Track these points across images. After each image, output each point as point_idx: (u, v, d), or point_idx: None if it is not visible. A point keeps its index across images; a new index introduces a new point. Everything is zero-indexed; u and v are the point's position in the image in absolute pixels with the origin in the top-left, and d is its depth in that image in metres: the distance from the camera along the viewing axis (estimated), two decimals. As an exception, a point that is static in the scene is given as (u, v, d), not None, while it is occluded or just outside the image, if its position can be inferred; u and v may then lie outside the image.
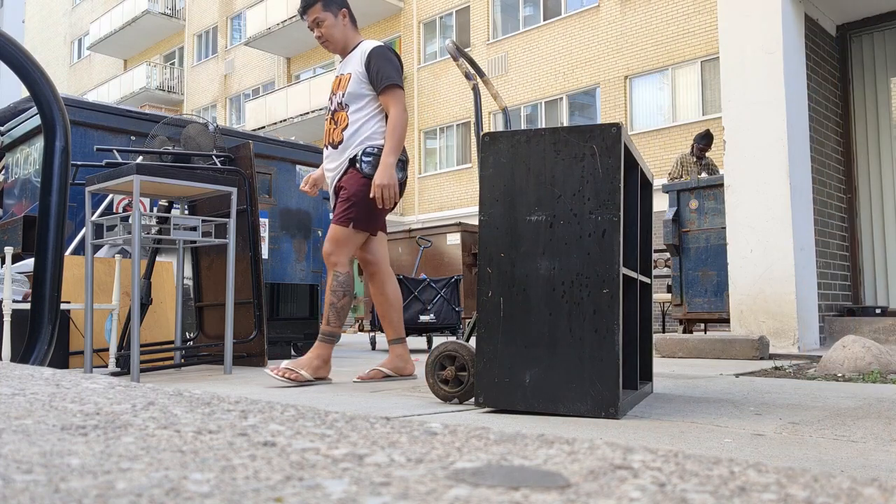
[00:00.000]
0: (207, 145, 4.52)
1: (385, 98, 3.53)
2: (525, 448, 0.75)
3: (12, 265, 4.06)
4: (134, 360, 3.55)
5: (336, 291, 3.47)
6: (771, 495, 0.55)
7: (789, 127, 5.51)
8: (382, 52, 3.60)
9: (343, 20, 3.69)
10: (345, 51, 3.72)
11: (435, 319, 6.64)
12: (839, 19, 6.80)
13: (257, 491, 0.56)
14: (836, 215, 6.54)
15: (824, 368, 3.84)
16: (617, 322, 2.21)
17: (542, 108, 19.13)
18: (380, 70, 3.53)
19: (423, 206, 21.68)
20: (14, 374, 1.43)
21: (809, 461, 1.59)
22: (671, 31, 16.61)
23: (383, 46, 3.65)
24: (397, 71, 3.58)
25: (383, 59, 3.56)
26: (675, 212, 6.79)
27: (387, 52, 3.62)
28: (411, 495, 0.55)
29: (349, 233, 3.48)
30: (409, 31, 22.44)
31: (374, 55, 3.58)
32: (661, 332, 9.94)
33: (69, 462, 0.66)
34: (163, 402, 1.08)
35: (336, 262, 3.49)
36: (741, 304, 5.63)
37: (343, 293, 3.48)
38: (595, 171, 2.27)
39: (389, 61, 3.57)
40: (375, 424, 0.90)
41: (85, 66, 36.10)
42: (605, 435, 1.90)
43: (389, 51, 3.65)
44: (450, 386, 2.60)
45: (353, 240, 3.50)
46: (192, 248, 5.12)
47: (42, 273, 2.10)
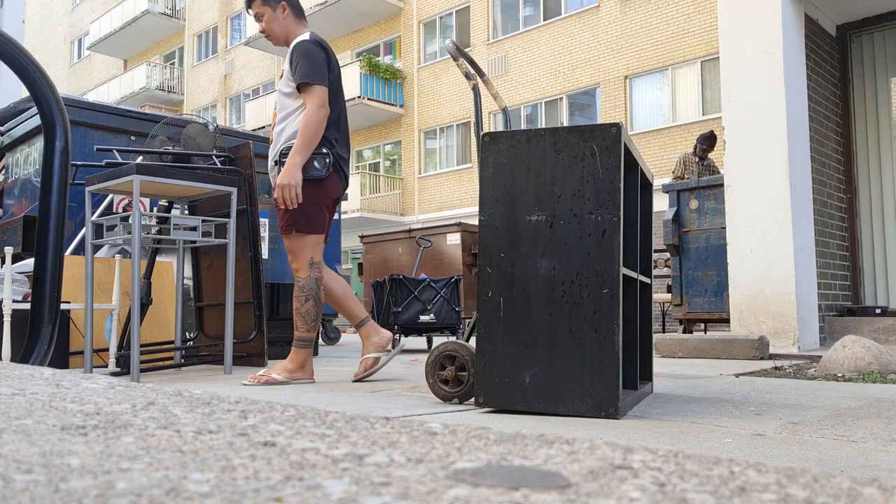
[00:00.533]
0: (207, 145, 4.53)
1: (303, 96, 3.41)
2: (525, 448, 0.75)
3: (12, 265, 4.06)
4: (134, 360, 3.55)
5: (298, 297, 3.43)
6: (771, 495, 0.55)
7: (789, 127, 5.51)
8: (303, 48, 3.46)
9: (283, 13, 3.60)
10: (287, 44, 3.64)
11: (435, 319, 6.64)
12: (839, 19, 6.80)
13: (257, 491, 0.56)
14: (836, 215, 6.54)
15: (824, 368, 3.84)
16: (617, 322, 2.21)
17: (542, 108, 19.13)
18: (297, 67, 3.41)
19: (423, 206, 21.68)
20: (14, 374, 1.43)
21: (809, 461, 1.59)
22: (671, 31, 16.61)
23: (306, 41, 3.49)
24: (318, 66, 3.42)
25: (303, 54, 3.43)
26: (675, 212, 6.79)
27: (308, 47, 3.46)
28: (411, 495, 0.55)
29: (295, 238, 3.43)
30: (409, 31, 22.44)
31: (294, 50, 3.46)
32: (661, 332, 9.94)
33: (69, 462, 0.66)
34: (163, 402, 1.08)
35: (295, 269, 3.46)
36: (741, 304, 5.63)
37: (305, 298, 3.42)
38: (595, 171, 2.28)
39: (308, 56, 3.42)
40: (375, 424, 0.90)
41: (85, 66, 36.11)
42: (605, 435, 1.90)
43: (315, 44, 3.49)
44: (450, 386, 2.60)
45: (303, 243, 3.43)
46: (192, 248, 5.12)
47: (42, 273, 2.10)
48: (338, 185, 3.55)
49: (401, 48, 22.67)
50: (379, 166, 23.43)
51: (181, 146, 4.46)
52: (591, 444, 0.76)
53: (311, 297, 3.43)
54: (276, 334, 5.39)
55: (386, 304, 6.71)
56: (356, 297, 3.69)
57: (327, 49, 3.54)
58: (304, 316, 3.44)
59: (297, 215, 3.41)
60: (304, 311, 3.43)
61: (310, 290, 3.43)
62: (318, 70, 3.41)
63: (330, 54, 3.55)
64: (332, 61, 3.55)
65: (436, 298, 6.65)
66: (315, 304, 3.44)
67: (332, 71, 3.53)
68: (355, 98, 21.26)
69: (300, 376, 3.46)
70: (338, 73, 3.60)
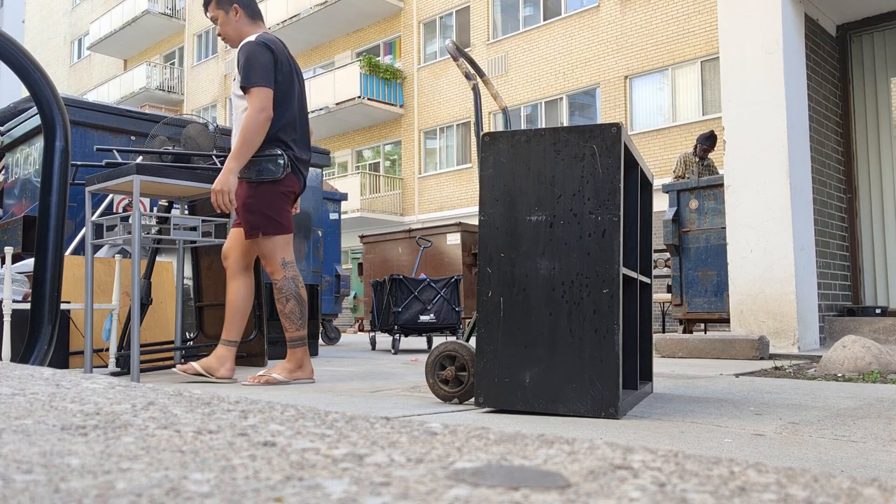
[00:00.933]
0: (207, 145, 4.52)
1: (246, 98, 3.36)
2: (525, 448, 0.75)
3: (12, 265, 4.06)
4: (134, 360, 3.55)
5: (279, 300, 3.42)
6: (771, 495, 0.55)
7: (789, 127, 5.51)
8: (247, 49, 3.40)
9: (235, 16, 3.56)
10: None
11: (435, 319, 6.64)
12: (839, 19, 6.80)
13: (257, 491, 0.56)
14: (836, 215, 6.54)
15: (824, 368, 3.84)
16: (617, 322, 2.21)
17: (542, 108, 19.13)
18: (242, 68, 3.37)
19: (423, 206, 21.68)
20: (14, 374, 1.43)
21: (809, 461, 1.59)
22: (671, 31, 16.61)
23: (251, 42, 3.43)
24: (261, 68, 3.35)
25: (246, 56, 3.38)
26: (675, 212, 6.79)
27: (252, 48, 3.40)
28: (411, 495, 0.55)
29: (263, 242, 3.40)
30: (409, 31, 22.44)
31: (240, 52, 3.41)
32: (661, 332, 9.94)
33: (69, 462, 0.66)
34: (163, 402, 1.08)
35: (269, 272, 3.45)
36: (741, 304, 5.63)
37: (286, 298, 3.40)
38: (595, 171, 2.28)
39: (251, 58, 3.36)
40: (375, 424, 0.90)
41: (85, 66, 36.11)
42: (605, 435, 1.90)
43: (260, 45, 3.42)
44: (450, 386, 2.60)
45: (272, 245, 3.40)
46: (192, 248, 5.12)
47: (42, 273, 2.10)
48: (296, 182, 3.50)
49: (401, 48, 22.67)
50: (379, 166, 23.44)
51: (181, 146, 4.46)
52: (591, 444, 0.76)
53: (291, 296, 3.41)
54: (276, 334, 5.39)
55: (386, 304, 6.71)
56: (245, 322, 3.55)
57: (274, 49, 3.45)
58: (289, 316, 3.43)
59: (260, 219, 3.38)
60: (287, 311, 3.42)
61: (288, 291, 3.41)
62: (261, 72, 3.34)
63: (277, 54, 3.45)
64: (280, 61, 3.46)
65: (436, 298, 6.66)
66: (297, 302, 3.43)
67: (281, 71, 3.45)
68: (355, 98, 21.27)
69: (300, 376, 3.46)
70: (291, 74, 3.51)
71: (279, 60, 3.45)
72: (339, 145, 24.10)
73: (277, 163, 3.40)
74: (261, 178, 3.38)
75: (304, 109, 3.65)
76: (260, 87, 3.33)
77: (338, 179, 22.18)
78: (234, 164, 3.29)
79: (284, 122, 3.44)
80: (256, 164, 3.38)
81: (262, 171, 3.39)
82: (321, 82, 22.20)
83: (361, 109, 21.81)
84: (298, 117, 3.56)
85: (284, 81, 3.47)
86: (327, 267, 8.07)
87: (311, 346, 5.74)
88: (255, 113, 3.29)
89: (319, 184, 6.29)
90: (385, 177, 22.82)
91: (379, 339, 9.80)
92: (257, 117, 3.29)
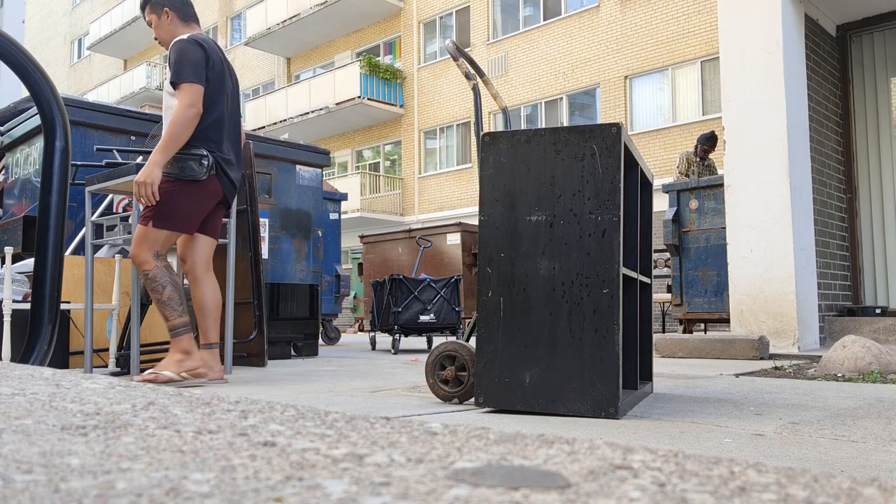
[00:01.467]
0: (207, 145, 4.52)
1: (177, 93, 3.33)
2: (525, 448, 0.75)
3: (12, 265, 4.06)
4: (134, 360, 3.55)
5: (154, 289, 3.31)
6: (771, 495, 0.55)
7: (789, 127, 5.51)
8: (178, 46, 3.39)
9: (167, 19, 3.56)
10: None
11: (435, 319, 6.64)
12: (839, 19, 6.80)
13: (257, 491, 0.56)
14: (836, 215, 6.54)
15: (824, 368, 3.84)
16: (617, 322, 2.21)
17: (542, 108, 19.13)
18: (172, 66, 3.35)
19: (423, 206, 21.68)
20: (14, 374, 1.43)
21: (809, 461, 1.59)
22: (671, 31, 16.61)
23: (183, 39, 3.42)
24: (192, 64, 3.34)
25: (177, 53, 3.36)
26: (675, 212, 6.79)
27: (183, 45, 3.39)
28: (411, 495, 0.55)
29: (147, 231, 3.32)
30: (409, 31, 22.44)
31: (171, 50, 3.40)
32: (661, 332, 9.94)
33: (69, 462, 0.66)
34: (163, 402, 1.08)
35: (140, 262, 3.34)
36: (741, 304, 5.63)
37: (161, 286, 3.30)
38: (595, 171, 2.28)
39: (182, 55, 3.35)
40: (375, 424, 0.90)
41: (85, 66, 36.11)
42: (605, 435, 1.90)
43: (192, 42, 3.41)
44: (450, 386, 2.60)
45: (155, 236, 3.32)
46: (192, 248, 5.12)
47: (42, 273, 2.10)
48: (219, 188, 3.44)
49: (401, 48, 22.67)
50: (379, 166, 23.44)
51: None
52: (591, 444, 0.76)
53: (165, 283, 3.31)
54: (276, 334, 5.39)
55: (386, 304, 6.71)
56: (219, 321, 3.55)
57: (206, 47, 3.44)
58: (167, 304, 3.31)
59: (160, 209, 3.31)
60: (166, 298, 3.31)
61: (162, 278, 3.31)
62: (191, 68, 3.33)
63: (209, 52, 3.44)
64: (212, 59, 3.44)
65: (436, 298, 6.66)
66: (174, 288, 3.31)
67: (212, 69, 3.43)
68: (355, 98, 21.27)
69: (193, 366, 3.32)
70: (222, 74, 3.50)
71: (210, 58, 3.43)
72: (339, 145, 24.10)
73: (201, 163, 3.35)
74: (181, 176, 3.33)
75: (235, 111, 3.62)
76: (190, 84, 3.31)
77: (338, 179, 22.19)
78: (160, 157, 3.24)
79: (213, 121, 3.41)
80: (180, 161, 3.33)
81: (184, 169, 3.33)
82: (321, 82, 22.20)
83: (361, 109, 21.81)
84: (228, 118, 3.53)
85: (215, 80, 3.44)
86: (327, 267, 8.08)
87: (311, 346, 5.74)
88: (184, 108, 3.26)
89: (319, 184, 6.29)
90: (385, 177, 22.82)
91: (379, 339, 9.80)
92: (186, 113, 3.26)
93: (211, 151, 3.39)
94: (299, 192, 6.07)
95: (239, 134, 3.65)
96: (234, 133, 3.59)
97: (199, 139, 3.37)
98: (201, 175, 3.35)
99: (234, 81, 3.67)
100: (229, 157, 3.49)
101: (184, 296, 3.39)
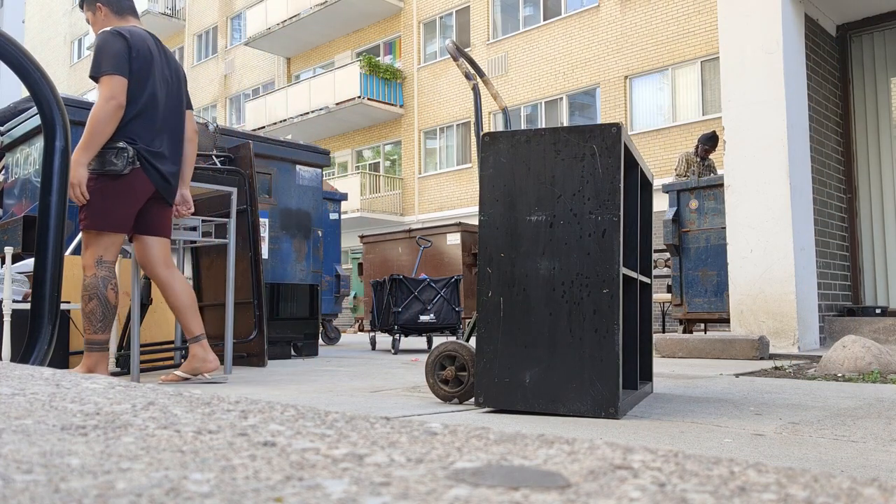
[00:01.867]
0: (207, 145, 4.53)
1: (98, 87, 3.23)
2: (525, 448, 0.75)
3: (12, 265, 4.06)
4: (134, 360, 3.55)
5: (83, 297, 3.23)
6: (771, 495, 0.55)
7: (789, 127, 5.51)
8: (100, 38, 3.29)
9: (101, 15, 3.49)
10: None
11: (435, 319, 6.64)
12: (839, 19, 6.80)
13: (257, 491, 0.56)
14: (836, 215, 6.54)
15: (824, 368, 3.84)
16: (617, 322, 2.21)
17: (542, 108, 19.13)
18: (93, 59, 3.26)
19: (423, 206, 21.68)
20: (14, 374, 1.43)
21: (809, 461, 1.59)
22: (671, 31, 16.61)
23: (105, 32, 3.32)
24: (111, 56, 3.23)
25: (98, 47, 3.27)
26: (675, 212, 6.79)
27: (104, 37, 3.29)
28: (411, 495, 0.55)
29: (86, 235, 3.25)
30: (409, 31, 22.44)
31: (94, 45, 3.30)
32: (661, 332, 9.94)
33: (69, 462, 0.66)
34: (163, 402, 1.08)
35: (83, 267, 3.26)
36: (741, 304, 5.63)
37: (88, 297, 3.21)
38: (595, 171, 2.28)
39: (102, 47, 3.25)
40: (375, 424, 0.90)
41: (85, 66, 36.09)
42: (605, 435, 1.90)
43: (114, 34, 3.30)
44: (450, 386, 2.60)
45: (94, 240, 3.24)
46: (192, 248, 5.12)
47: (42, 273, 2.10)
48: (146, 182, 3.31)
49: (401, 48, 22.67)
50: (379, 166, 23.44)
51: (181, 146, 4.46)
52: (591, 444, 0.76)
53: (94, 295, 3.21)
54: (276, 334, 5.39)
55: (386, 304, 6.71)
56: (198, 312, 3.54)
57: (128, 37, 3.32)
58: (88, 316, 3.21)
59: (92, 212, 3.23)
60: (88, 311, 3.21)
61: (93, 289, 3.22)
62: (111, 60, 3.22)
63: (132, 42, 3.32)
64: (137, 49, 3.33)
65: (436, 298, 6.66)
66: (100, 302, 3.22)
67: (136, 60, 3.31)
68: (355, 98, 21.27)
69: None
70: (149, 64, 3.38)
71: (135, 49, 3.31)
72: (339, 145, 24.10)
73: (121, 156, 3.23)
74: (103, 171, 3.24)
75: (174, 103, 3.49)
76: (110, 76, 3.21)
77: (338, 179, 22.19)
78: (81, 155, 3.16)
79: (136, 113, 3.28)
80: (101, 156, 3.24)
81: (104, 164, 3.23)
82: (321, 82, 22.20)
83: (361, 109, 21.81)
84: (164, 109, 3.41)
85: (140, 71, 3.32)
86: (327, 267, 8.08)
87: (311, 346, 5.74)
88: (103, 102, 3.16)
89: (319, 184, 6.29)
90: (385, 177, 22.82)
91: (379, 339, 9.80)
92: (105, 106, 3.16)
93: (132, 143, 3.26)
94: (299, 192, 6.06)
95: (178, 126, 3.50)
96: (171, 125, 3.44)
97: (120, 132, 3.26)
98: (122, 169, 3.23)
99: (175, 71, 3.55)
100: (159, 150, 3.35)
101: (112, 313, 3.27)
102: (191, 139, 3.62)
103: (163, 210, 3.47)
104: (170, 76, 3.51)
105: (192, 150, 3.63)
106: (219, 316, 4.88)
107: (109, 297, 3.25)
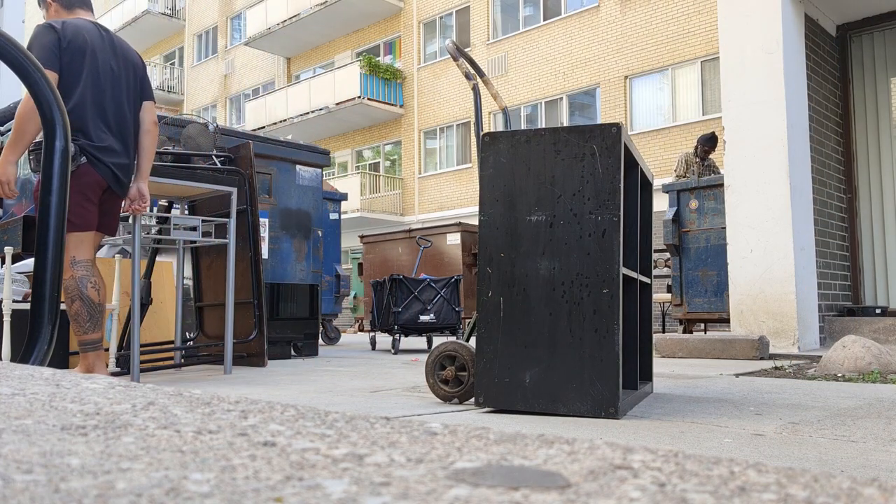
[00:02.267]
0: (207, 145, 4.53)
1: None
2: (525, 448, 0.75)
3: (12, 265, 4.06)
4: (134, 360, 3.55)
5: (65, 301, 3.15)
6: (771, 495, 0.55)
7: (789, 127, 5.51)
8: (33, 35, 3.20)
9: (52, 9, 3.41)
10: None
11: (435, 319, 6.64)
12: (839, 19, 6.80)
13: (257, 491, 0.56)
14: (836, 215, 6.54)
15: (824, 368, 3.84)
16: (617, 322, 2.21)
17: (542, 108, 19.13)
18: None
19: (423, 206, 21.68)
20: (14, 374, 1.43)
21: (809, 461, 1.59)
22: (671, 31, 16.61)
23: (38, 26, 3.23)
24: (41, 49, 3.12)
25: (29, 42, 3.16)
26: (675, 212, 6.79)
27: (36, 33, 3.19)
28: (411, 495, 0.55)
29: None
30: (409, 31, 22.44)
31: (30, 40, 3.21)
32: (661, 332, 9.94)
33: (69, 462, 0.66)
34: (163, 402, 1.08)
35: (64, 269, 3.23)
36: (741, 304, 5.63)
37: (70, 300, 3.15)
38: (595, 171, 2.27)
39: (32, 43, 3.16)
40: (375, 424, 0.90)
41: (85, 66, 36.09)
42: (605, 435, 1.90)
43: (45, 27, 3.21)
44: (450, 386, 2.60)
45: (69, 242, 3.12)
46: (192, 248, 5.12)
47: (42, 273, 2.10)
48: (96, 176, 3.20)
49: (401, 48, 22.67)
50: (379, 166, 23.44)
51: (181, 146, 4.46)
52: (591, 444, 0.76)
53: (76, 297, 3.16)
54: (276, 334, 5.39)
55: (386, 304, 6.71)
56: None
57: (59, 29, 3.21)
58: (75, 318, 3.18)
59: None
60: (73, 313, 3.17)
61: (73, 291, 3.16)
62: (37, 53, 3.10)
63: (64, 34, 3.21)
64: (69, 40, 3.21)
65: (436, 298, 6.66)
66: (83, 302, 3.16)
67: (67, 52, 3.20)
68: (355, 98, 21.27)
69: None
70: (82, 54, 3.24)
71: (65, 40, 3.20)
72: (339, 145, 24.10)
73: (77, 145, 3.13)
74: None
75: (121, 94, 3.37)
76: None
77: (338, 179, 22.19)
78: (9, 153, 3.05)
79: (72, 107, 3.15)
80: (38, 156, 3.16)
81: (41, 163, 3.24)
82: (321, 82, 22.20)
83: (361, 109, 21.81)
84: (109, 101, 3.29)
85: (73, 62, 3.20)
86: (327, 267, 8.07)
87: (311, 346, 5.74)
88: (27, 98, 2.97)
89: (319, 184, 6.29)
90: (385, 177, 22.82)
91: (379, 339, 9.80)
92: (28, 102, 2.99)
93: (74, 140, 3.14)
94: (299, 192, 6.06)
95: (124, 118, 3.37)
96: (115, 118, 3.32)
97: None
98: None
99: (125, 61, 3.44)
100: (104, 143, 3.24)
101: (98, 310, 3.21)
102: (148, 131, 3.50)
103: (114, 206, 3.37)
104: (116, 66, 3.37)
105: (150, 143, 3.50)
106: (219, 316, 4.88)
107: (91, 295, 3.18)
